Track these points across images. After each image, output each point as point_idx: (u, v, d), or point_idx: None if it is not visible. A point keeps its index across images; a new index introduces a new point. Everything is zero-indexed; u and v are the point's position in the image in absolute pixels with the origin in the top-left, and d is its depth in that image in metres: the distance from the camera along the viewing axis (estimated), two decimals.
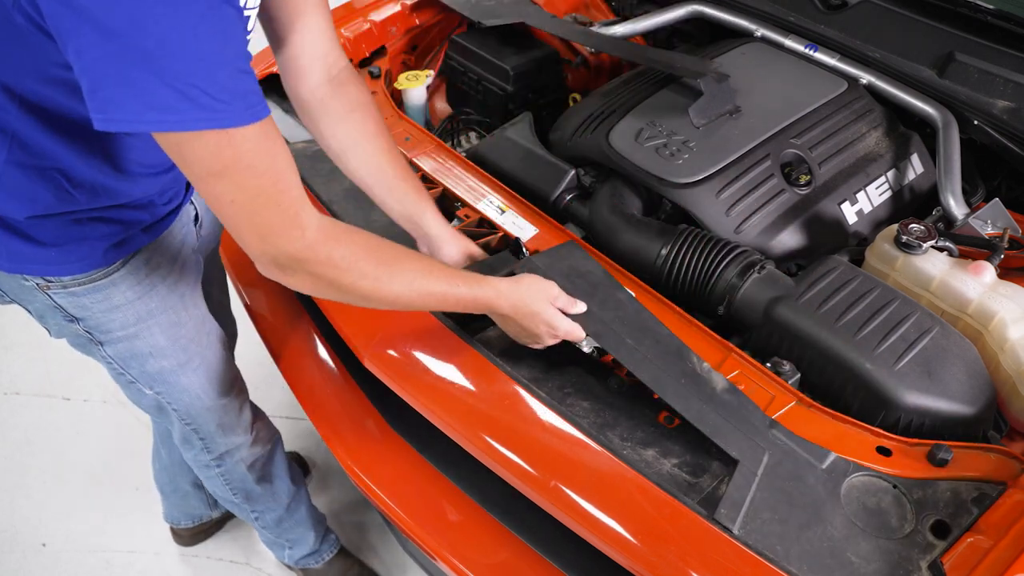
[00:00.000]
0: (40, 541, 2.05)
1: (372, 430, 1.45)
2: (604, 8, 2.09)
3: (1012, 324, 1.16)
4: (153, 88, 0.78)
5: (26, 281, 1.12)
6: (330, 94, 1.20)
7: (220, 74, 0.80)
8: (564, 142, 1.54)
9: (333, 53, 1.20)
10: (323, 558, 1.85)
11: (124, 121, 0.80)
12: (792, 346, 1.16)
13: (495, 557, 1.29)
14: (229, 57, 0.82)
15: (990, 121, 1.48)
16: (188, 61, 0.78)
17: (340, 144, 1.23)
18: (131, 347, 1.24)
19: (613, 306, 1.14)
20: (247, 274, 1.66)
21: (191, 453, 1.51)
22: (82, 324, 1.19)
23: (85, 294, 1.14)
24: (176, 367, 1.29)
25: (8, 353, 2.53)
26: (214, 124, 0.82)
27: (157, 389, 1.32)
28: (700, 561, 0.94)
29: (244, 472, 1.56)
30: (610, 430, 1.07)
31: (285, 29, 1.16)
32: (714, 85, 1.47)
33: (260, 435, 1.56)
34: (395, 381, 1.20)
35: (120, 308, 1.18)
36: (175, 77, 0.78)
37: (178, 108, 0.79)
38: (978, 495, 0.99)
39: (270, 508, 1.67)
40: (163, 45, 0.76)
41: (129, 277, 1.17)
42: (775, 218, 1.38)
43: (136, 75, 0.77)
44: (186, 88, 0.78)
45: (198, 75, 0.79)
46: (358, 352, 1.23)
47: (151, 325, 1.22)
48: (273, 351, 1.60)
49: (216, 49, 0.80)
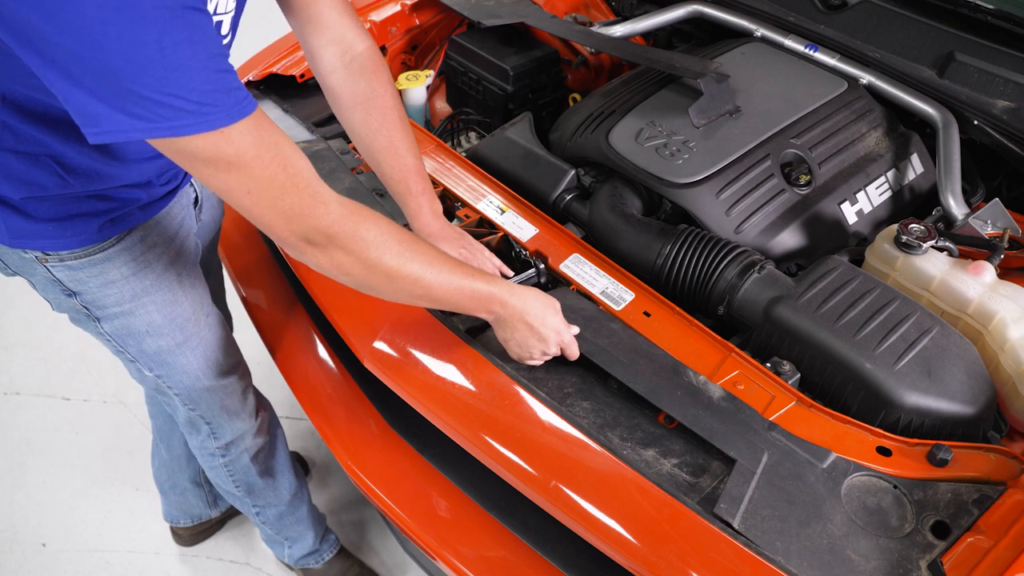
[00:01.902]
0: (40, 541, 2.05)
1: (372, 430, 1.45)
2: (604, 8, 2.09)
3: (1012, 324, 1.16)
4: (135, 101, 0.78)
5: (26, 254, 1.14)
6: (342, 81, 1.20)
7: (196, 80, 0.80)
8: (564, 142, 1.54)
9: (348, 37, 1.19)
10: (323, 558, 1.85)
11: (116, 132, 0.80)
12: (792, 346, 1.16)
13: (495, 557, 1.29)
14: (202, 61, 0.81)
15: (990, 121, 1.48)
16: (160, 72, 0.78)
17: (349, 133, 1.25)
18: (127, 324, 1.24)
19: (607, 334, 1.16)
20: (247, 274, 1.66)
21: (197, 439, 1.51)
22: (79, 299, 1.20)
23: (81, 268, 1.16)
24: (173, 347, 1.29)
25: (8, 353, 2.53)
26: (204, 127, 0.82)
27: (157, 371, 1.33)
28: (700, 560, 0.94)
29: (248, 463, 1.56)
30: (610, 430, 1.07)
31: (300, 12, 1.16)
32: (714, 85, 1.47)
33: (263, 424, 1.56)
34: (395, 381, 1.20)
35: (115, 283, 1.19)
36: (153, 89, 0.78)
37: (165, 116, 0.79)
38: (979, 497, 0.99)
39: (271, 503, 1.67)
40: (131, 62, 0.76)
41: (124, 253, 1.18)
42: (775, 218, 1.38)
43: (114, 92, 0.77)
44: (166, 98, 0.79)
45: (174, 84, 0.79)
46: (357, 352, 1.23)
47: (146, 302, 1.23)
48: (273, 351, 1.61)
49: (187, 57, 0.79)
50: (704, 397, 1.07)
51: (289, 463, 1.67)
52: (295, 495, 1.70)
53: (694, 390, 1.08)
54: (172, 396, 1.39)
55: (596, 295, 1.23)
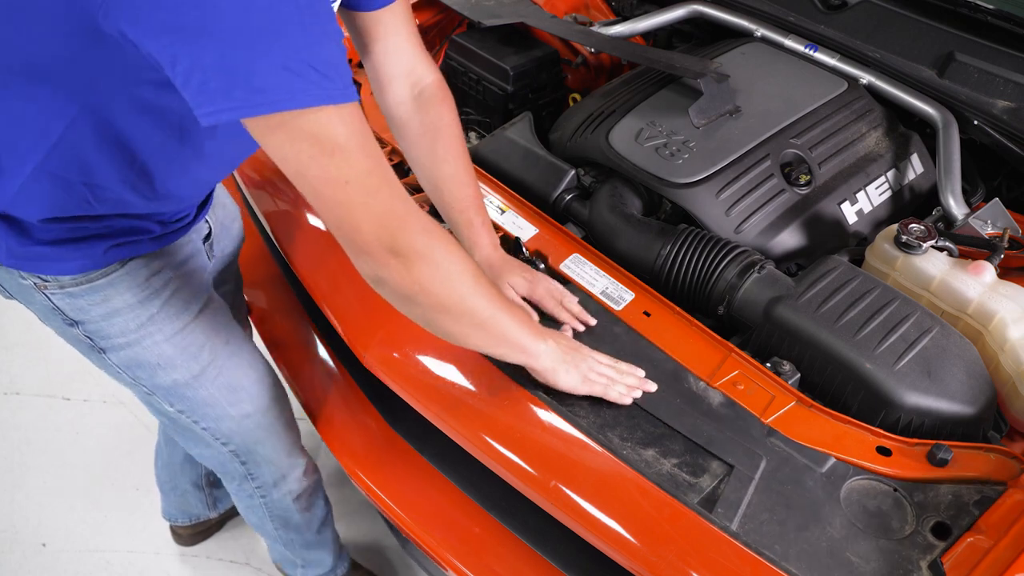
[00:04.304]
0: (40, 541, 2.05)
1: (372, 430, 1.45)
2: (604, 8, 2.09)
3: (1012, 324, 1.16)
4: (262, 70, 0.76)
5: (24, 279, 1.09)
6: (410, 112, 1.19)
7: (325, 49, 0.78)
8: (564, 142, 1.54)
9: (418, 70, 1.17)
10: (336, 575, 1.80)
11: (230, 109, 0.78)
12: (792, 346, 1.16)
13: (495, 557, 1.29)
14: (331, 31, 0.80)
15: (990, 121, 1.48)
16: (294, 36, 0.76)
17: (412, 164, 1.23)
18: (135, 355, 1.18)
19: (610, 339, 1.16)
20: (247, 274, 1.66)
21: (233, 485, 1.43)
22: (81, 328, 1.15)
23: (83, 295, 1.10)
24: (190, 379, 1.22)
25: (8, 353, 2.53)
26: (326, 100, 0.79)
27: (178, 406, 1.26)
28: (700, 561, 0.94)
29: (290, 504, 1.49)
30: (610, 430, 1.07)
31: (369, 42, 1.14)
32: (714, 85, 1.47)
33: (309, 465, 1.48)
34: (395, 381, 1.20)
35: (120, 312, 1.13)
36: (284, 56, 0.76)
37: (289, 87, 0.77)
38: (980, 498, 0.99)
39: (302, 534, 1.61)
40: (268, 25, 0.75)
41: (127, 278, 1.12)
42: (775, 218, 1.38)
43: (242, 59, 0.75)
44: (296, 65, 0.76)
45: (306, 50, 0.77)
46: (358, 352, 1.23)
47: (153, 332, 1.16)
48: (273, 352, 1.61)
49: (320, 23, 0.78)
50: (703, 404, 1.08)
51: (323, 493, 1.60)
52: (323, 522, 1.64)
53: (693, 396, 1.09)
54: (200, 431, 1.30)
55: (596, 295, 1.23)
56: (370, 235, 0.87)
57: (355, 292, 1.28)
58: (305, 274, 1.36)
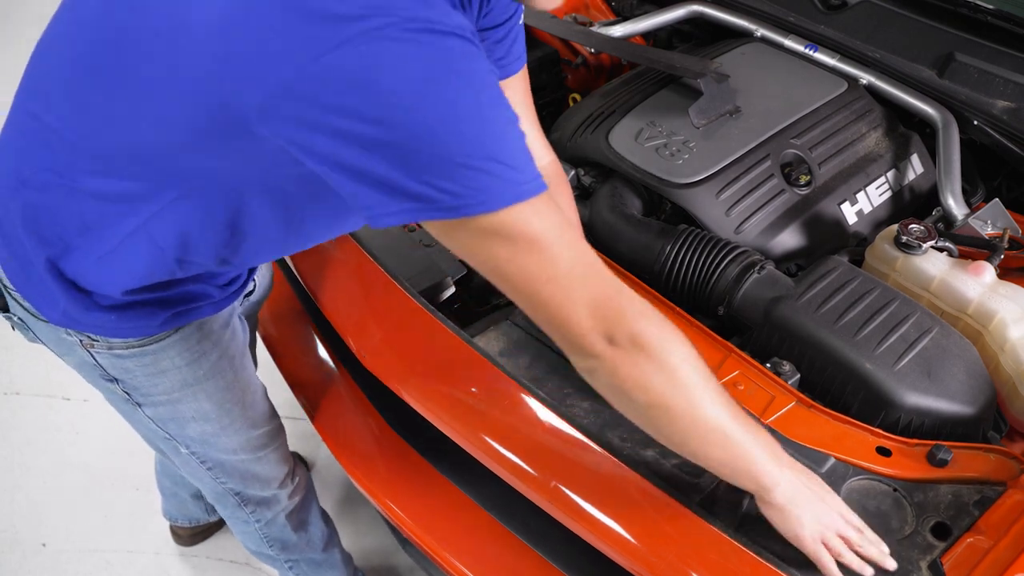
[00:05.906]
0: (40, 541, 2.05)
1: (373, 431, 1.45)
2: (604, 8, 2.09)
3: (1012, 324, 1.16)
4: (446, 171, 0.69)
5: (68, 336, 1.02)
6: None
7: (510, 138, 0.72)
8: (564, 142, 1.54)
9: (536, 150, 1.08)
10: None
11: (406, 212, 0.72)
12: (792, 346, 1.16)
13: (495, 557, 1.29)
14: (511, 116, 0.73)
15: (990, 121, 1.48)
16: (477, 131, 0.71)
17: None
18: (173, 411, 1.16)
19: None
20: None
21: (226, 511, 1.44)
22: (120, 385, 1.10)
23: (131, 357, 1.05)
24: (219, 430, 1.21)
25: (8, 353, 2.53)
26: (517, 198, 0.73)
27: (193, 449, 1.25)
28: (700, 560, 0.94)
29: (283, 522, 1.48)
30: (610, 430, 1.07)
31: None
32: (714, 85, 1.47)
33: (300, 482, 1.47)
34: (395, 381, 1.19)
35: (166, 373, 1.09)
36: (467, 153, 0.70)
37: (476, 187, 0.71)
38: (979, 498, 0.99)
39: (305, 554, 1.59)
40: (449, 120, 0.69)
41: (180, 343, 1.08)
42: (775, 218, 1.38)
43: (424, 162, 0.69)
44: (481, 163, 0.71)
45: (492, 143, 0.71)
46: (358, 352, 1.23)
47: (197, 391, 1.14)
48: (273, 352, 1.61)
49: (501, 109, 0.72)
50: None
51: (319, 511, 1.60)
52: (328, 541, 1.62)
53: None
54: (205, 471, 1.30)
55: None
56: (585, 325, 0.80)
57: (355, 292, 1.28)
58: (305, 274, 1.36)
